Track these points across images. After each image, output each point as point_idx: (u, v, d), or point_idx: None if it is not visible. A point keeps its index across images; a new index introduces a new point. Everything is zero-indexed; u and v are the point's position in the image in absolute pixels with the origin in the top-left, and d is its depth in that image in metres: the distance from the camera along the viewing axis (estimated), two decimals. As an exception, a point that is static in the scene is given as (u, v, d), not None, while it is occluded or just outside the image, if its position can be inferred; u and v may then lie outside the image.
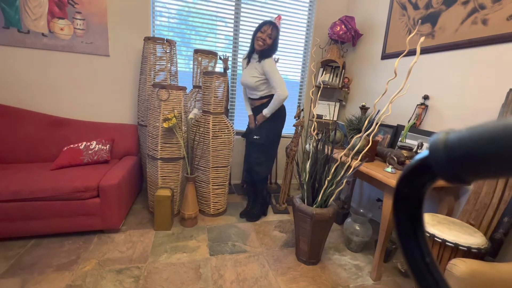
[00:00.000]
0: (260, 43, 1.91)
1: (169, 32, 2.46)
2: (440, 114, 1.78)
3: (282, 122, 2.08)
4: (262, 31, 1.91)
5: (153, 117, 1.93)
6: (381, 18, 2.33)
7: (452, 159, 0.18)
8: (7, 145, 1.98)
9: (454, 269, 0.99)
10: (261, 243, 1.87)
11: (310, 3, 2.75)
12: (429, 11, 1.86)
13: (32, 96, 2.19)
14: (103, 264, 1.52)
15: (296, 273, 1.59)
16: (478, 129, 0.17)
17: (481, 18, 1.53)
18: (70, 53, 2.21)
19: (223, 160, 2.13)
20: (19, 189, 1.55)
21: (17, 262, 1.48)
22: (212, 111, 2.04)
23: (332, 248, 1.88)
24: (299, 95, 2.99)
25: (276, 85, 1.90)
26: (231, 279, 1.49)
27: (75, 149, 1.99)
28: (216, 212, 2.19)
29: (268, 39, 1.91)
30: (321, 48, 2.80)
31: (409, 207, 0.24)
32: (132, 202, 2.19)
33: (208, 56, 2.34)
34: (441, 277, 0.23)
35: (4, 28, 2.02)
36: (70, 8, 2.12)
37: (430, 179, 0.21)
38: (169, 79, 2.23)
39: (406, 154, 1.61)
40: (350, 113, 2.69)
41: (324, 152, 1.66)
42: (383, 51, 2.29)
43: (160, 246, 1.73)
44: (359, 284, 1.54)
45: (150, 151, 1.99)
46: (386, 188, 1.45)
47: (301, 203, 1.64)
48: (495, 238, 1.28)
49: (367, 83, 2.49)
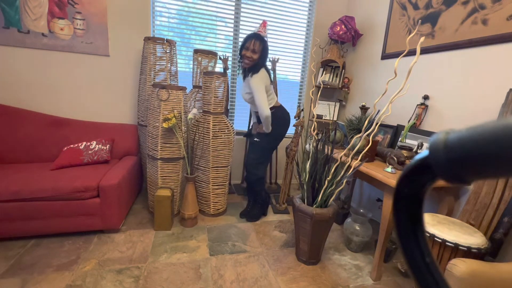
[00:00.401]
0: (246, 61, 1.90)
1: (169, 32, 2.46)
2: (440, 114, 1.78)
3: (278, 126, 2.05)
4: (246, 47, 1.87)
5: (153, 117, 1.93)
6: (381, 18, 2.33)
7: (452, 159, 0.18)
8: (7, 145, 1.98)
9: (454, 269, 0.99)
10: (261, 243, 1.87)
11: (310, 3, 2.75)
12: (429, 11, 1.86)
13: (32, 96, 2.19)
14: (103, 264, 1.52)
15: (296, 273, 1.59)
16: (478, 129, 0.17)
17: (481, 18, 1.53)
18: (70, 53, 2.21)
19: (223, 160, 2.14)
20: (19, 189, 1.55)
21: (17, 262, 1.48)
22: (212, 111, 2.04)
23: (332, 248, 1.88)
24: (299, 95, 2.99)
25: (257, 104, 1.88)
26: (231, 279, 1.49)
27: (75, 149, 1.99)
28: (216, 212, 2.19)
29: (254, 55, 1.87)
30: (321, 48, 2.80)
31: (409, 207, 0.24)
32: (132, 202, 2.19)
33: (208, 56, 2.34)
34: (441, 277, 0.23)
35: (4, 28, 2.02)
36: (70, 8, 2.12)
37: (430, 179, 0.21)
38: (169, 79, 2.23)
39: (406, 154, 1.61)
40: (350, 113, 2.69)
41: (324, 152, 1.66)
42: (383, 51, 2.29)
43: (160, 246, 1.73)
44: (359, 284, 1.54)
45: (150, 151, 2.00)
46: (386, 188, 1.45)
47: (301, 203, 1.64)
48: (495, 238, 1.28)
49: (367, 83, 2.49)
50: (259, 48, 1.87)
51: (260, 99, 1.86)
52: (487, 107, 1.50)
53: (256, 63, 1.90)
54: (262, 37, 1.91)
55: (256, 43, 1.86)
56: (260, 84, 1.87)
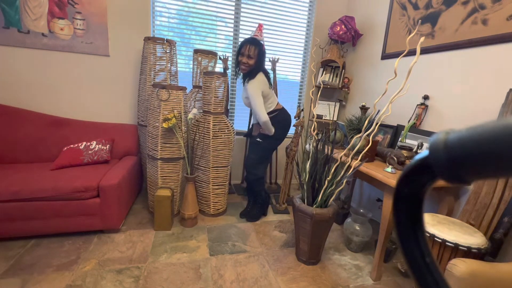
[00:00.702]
0: (243, 67, 1.89)
1: (169, 32, 2.46)
2: (440, 114, 1.78)
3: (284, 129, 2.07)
4: (242, 53, 1.86)
5: (153, 117, 1.93)
6: (381, 18, 2.33)
7: (452, 159, 0.18)
8: (7, 145, 1.98)
9: (454, 269, 0.99)
10: (261, 243, 1.87)
11: (310, 3, 2.75)
12: (429, 11, 1.86)
13: (32, 96, 2.19)
14: (103, 264, 1.52)
15: (296, 273, 1.59)
16: (478, 129, 0.17)
17: (481, 18, 1.53)
18: (70, 53, 2.21)
19: (223, 160, 2.14)
20: (19, 189, 1.55)
21: (17, 262, 1.48)
22: (212, 111, 2.04)
23: (332, 248, 1.88)
24: (299, 95, 2.99)
25: (254, 110, 1.90)
26: (231, 279, 1.49)
27: (75, 149, 1.99)
28: (216, 212, 2.19)
29: (250, 60, 1.86)
30: (321, 48, 2.80)
31: (409, 207, 0.24)
32: (132, 202, 2.19)
33: (208, 56, 2.34)
34: (441, 277, 0.23)
35: (4, 28, 2.02)
36: (70, 8, 2.12)
37: (430, 179, 0.21)
38: (169, 79, 2.23)
39: (406, 154, 1.61)
40: (350, 113, 2.69)
41: (324, 152, 1.66)
42: (383, 51, 2.29)
43: (160, 246, 1.73)
44: (359, 284, 1.54)
45: (150, 151, 2.00)
46: (386, 188, 1.45)
47: (301, 203, 1.64)
48: (495, 238, 1.28)
49: (367, 83, 2.49)
50: (255, 53, 1.86)
51: (257, 105, 1.87)
52: (487, 107, 1.50)
53: (253, 68, 1.89)
54: (257, 41, 1.89)
55: (251, 48, 1.84)
56: (256, 90, 1.87)
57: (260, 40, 1.96)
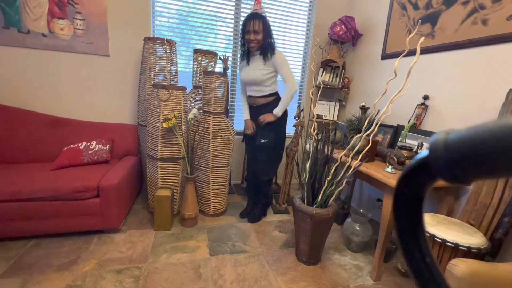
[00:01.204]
0: (252, 45, 1.87)
1: (169, 32, 2.46)
2: (440, 114, 1.78)
3: (285, 123, 2.08)
4: (248, 31, 1.84)
5: (153, 117, 1.93)
6: (381, 18, 2.33)
7: (452, 159, 0.18)
8: (7, 145, 1.98)
9: (454, 269, 0.99)
10: (261, 243, 1.87)
11: (310, 3, 2.75)
12: (429, 11, 1.86)
13: (32, 96, 2.19)
14: (103, 264, 1.52)
15: (296, 273, 1.59)
16: (478, 129, 0.17)
17: (481, 18, 1.53)
18: (70, 53, 2.21)
19: (223, 160, 2.14)
20: (19, 189, 1.55)
21: (17, 262, 1.48)
22: (212, 111, 2.04)
23: (332, 248, 1.88)
24: (299, 95, 2.99)
25: (289, 78, 1.89)
26: (231, 279, 1.49)
27: (75, 149, 1.99)
28: (216, 212, 2.19)
29: (258, 36, 1.83)
30: (321, 48, 2.80)
31: (409, 207, 0.24)
32: (132, 202, 2.19)
33: (208, 56, 2.34)
34: (441, 277, 0.23)
35: (4, 28, 2.02)
36: (70, 8, 2.12)
37: (430, 179, 0.21)
38: (169, 79, 2.23)
39: (406, 154, 1.61)
40: (350, 113, 2.69)
41: (324, 152, 1.66)
42: (383, 51, 2.29)
43: (160, 246, 1.73)
44: (359, 284, 1.54)
45: (150, 151, 2.00)
46: (386, 188, 1.45)
47: (301, 203, 1.64)
48: (495, 238, 1.28)
49: (367, 83, 2.49)
50: (260, 27, 1.83)
51: (290, 72, 1.90)
52: (487, 107, 1.50)
53: (267, 42, 1.88)
54: (260, 15, 1.85)
55: (255, 22, 1.81)
56: (285, 59, 1.91)
57: (262, 13, 1.90)
